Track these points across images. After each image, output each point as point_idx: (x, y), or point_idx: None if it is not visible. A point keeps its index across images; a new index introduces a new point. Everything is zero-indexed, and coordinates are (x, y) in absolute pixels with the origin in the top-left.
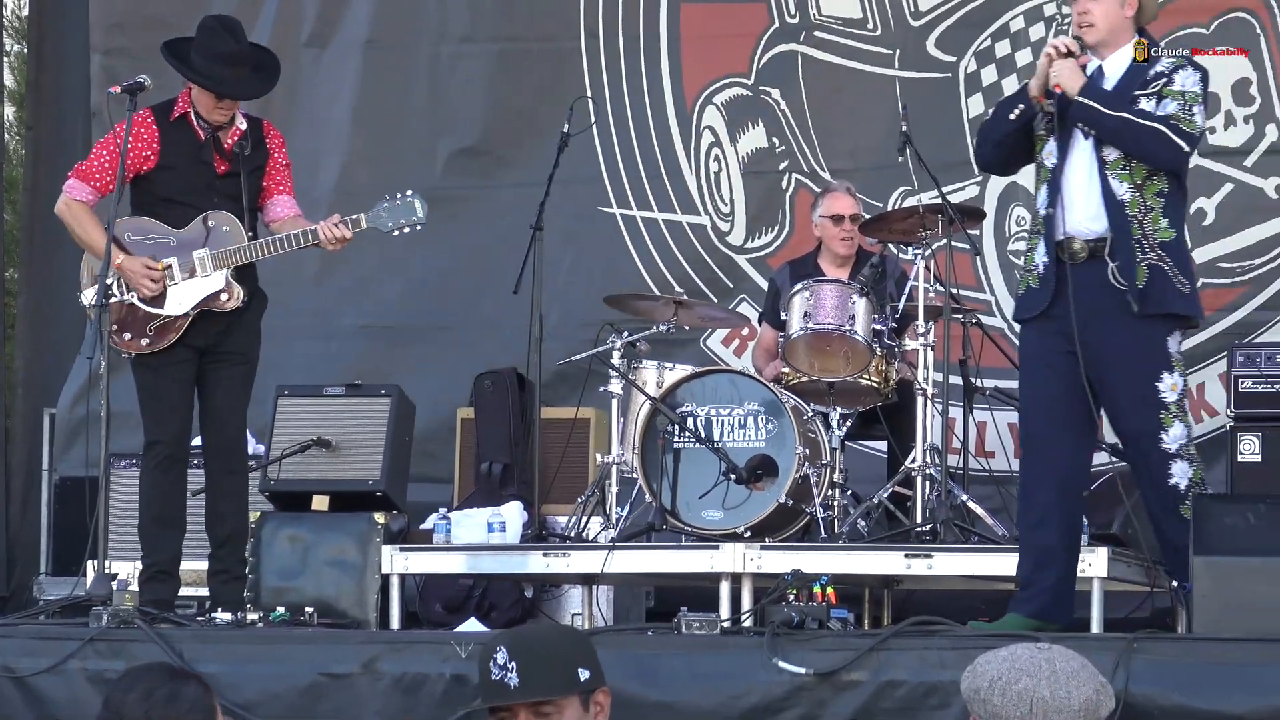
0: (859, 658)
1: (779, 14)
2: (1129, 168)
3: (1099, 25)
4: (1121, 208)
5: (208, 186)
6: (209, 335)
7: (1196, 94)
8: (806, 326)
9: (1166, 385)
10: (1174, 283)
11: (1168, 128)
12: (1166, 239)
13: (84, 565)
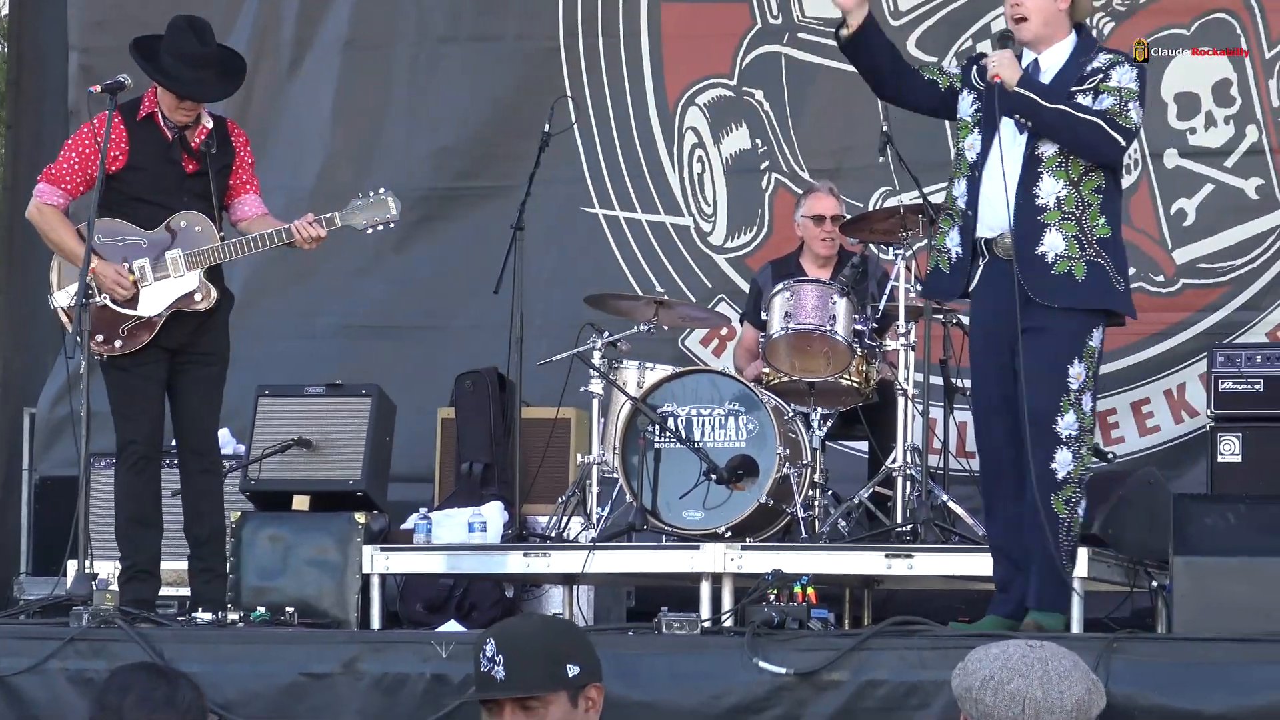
0: (839, 658)
1: (761, 15)
2: (1065, 165)
3: (1032, 19)
4: (1057, 206)
5: (177, 186)
6: (181, 336)
7: (1133, 90)
8: (787, 326)
9: (1074, 373)
10: (1112, 280)
11: (1104, 121)
12: (1104, 235)
13: (64, 565)
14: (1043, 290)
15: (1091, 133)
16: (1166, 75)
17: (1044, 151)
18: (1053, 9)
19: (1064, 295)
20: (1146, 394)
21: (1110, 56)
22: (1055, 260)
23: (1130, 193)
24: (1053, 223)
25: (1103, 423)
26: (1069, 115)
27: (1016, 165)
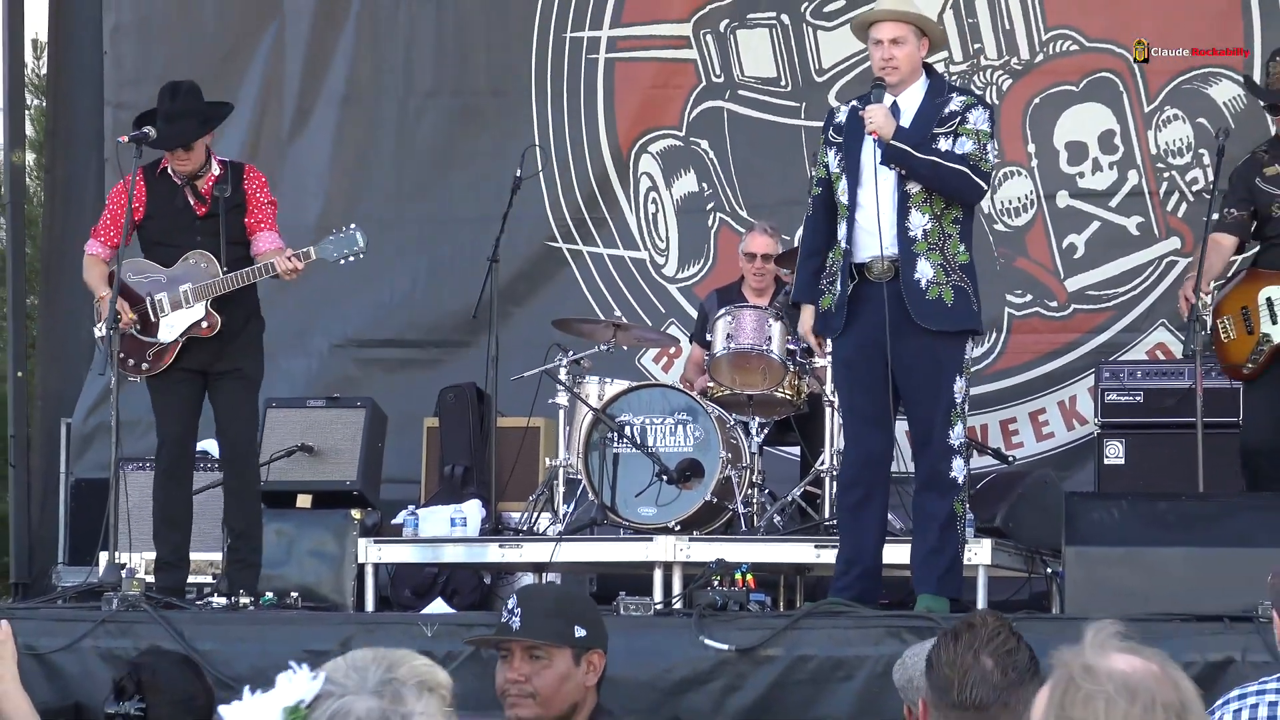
0: (775, 636)
1: (705, 74)
2: (929, 200)
3: (902, 68)
4: (924, 237)
5: (189, 228)
6: (203, 358)
7: (988, 132)
8: (729, 346)
9: (957, 388)
10: (972, 303)
11: (968, 168)
12: (964, 262)
13: (96, 556)
14: (921, 314)
15: (959, 179)
16: (1058, 126)
17: (911, 188)
18: (917, 57)
19: (937, 319)
20: (1043, 404)
21: (965, 99)
22: (927, 286)
23: (1027, 229)
24: (922, 252)
25: (1004, 430)
26: (940, 166)
27: (890, 200)
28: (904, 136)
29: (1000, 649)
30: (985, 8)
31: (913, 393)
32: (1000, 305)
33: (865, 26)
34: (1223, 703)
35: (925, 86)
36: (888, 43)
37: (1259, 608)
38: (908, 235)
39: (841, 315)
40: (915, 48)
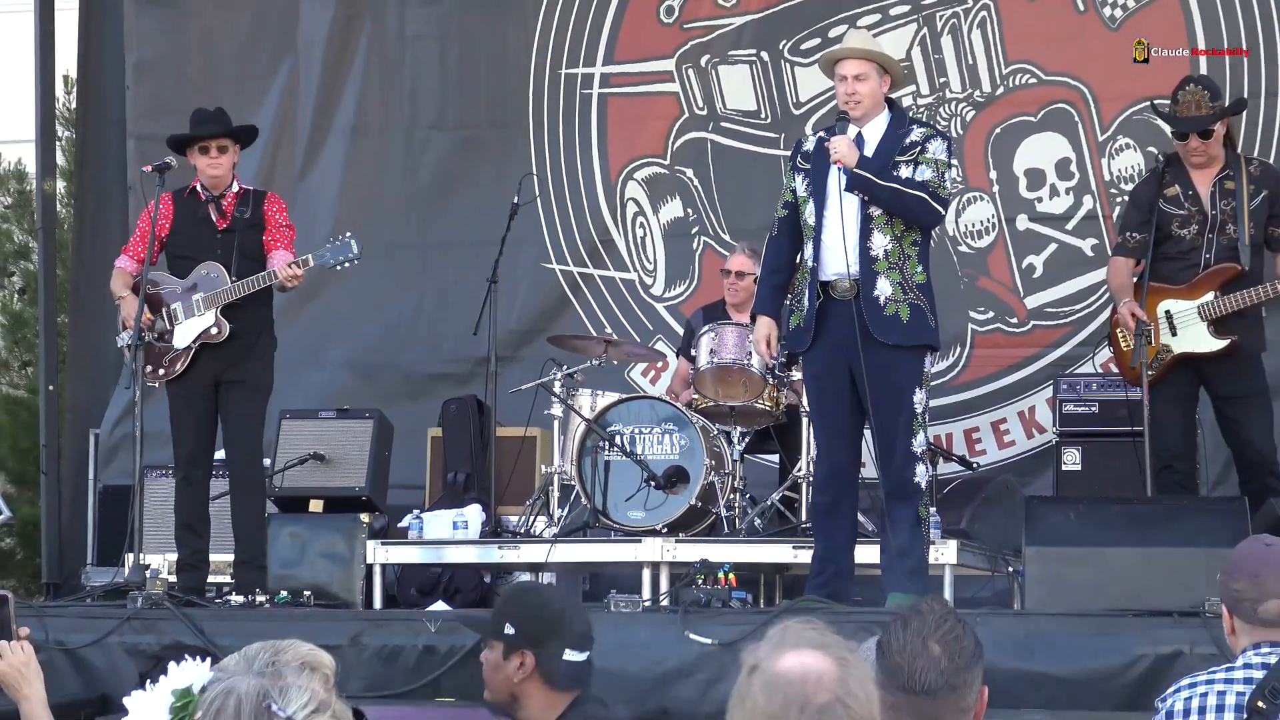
0: (755, 630)
1: (689, 106)
2: (890, 222)
3: (865, 102)
4: (885, 257)
5: (209, 241)
6: (215, 366)
7: (946, 161)
8: (712, 361)
9: (918, 399)
10: (928, 319)
11: (927, 194)
12: (921, 281)
13: (122, 558)
14: (878, 328)
15: (918, 204)
16: (1018, 154)
17: (874, 212)
18: (880, 92)
19: (894, 334)
20: (1004, 414)
21: (925, 130)
22: (886, 303)
23: (989, 250)
24: (882, 271)
25: (968, 438)
26: (901, 193)
27: (854, 223)
28: (866, 165)
29: (947, 636)
30: (950, 44)
31: (876, 405)
32: (964, 321)
33: (832, 64)
34: (1174, 690)
35: (888, 119)
36: (851, 78)
37: (1206, 603)
38: (869, 255)
39: (809, 331)
40: (877, 83)
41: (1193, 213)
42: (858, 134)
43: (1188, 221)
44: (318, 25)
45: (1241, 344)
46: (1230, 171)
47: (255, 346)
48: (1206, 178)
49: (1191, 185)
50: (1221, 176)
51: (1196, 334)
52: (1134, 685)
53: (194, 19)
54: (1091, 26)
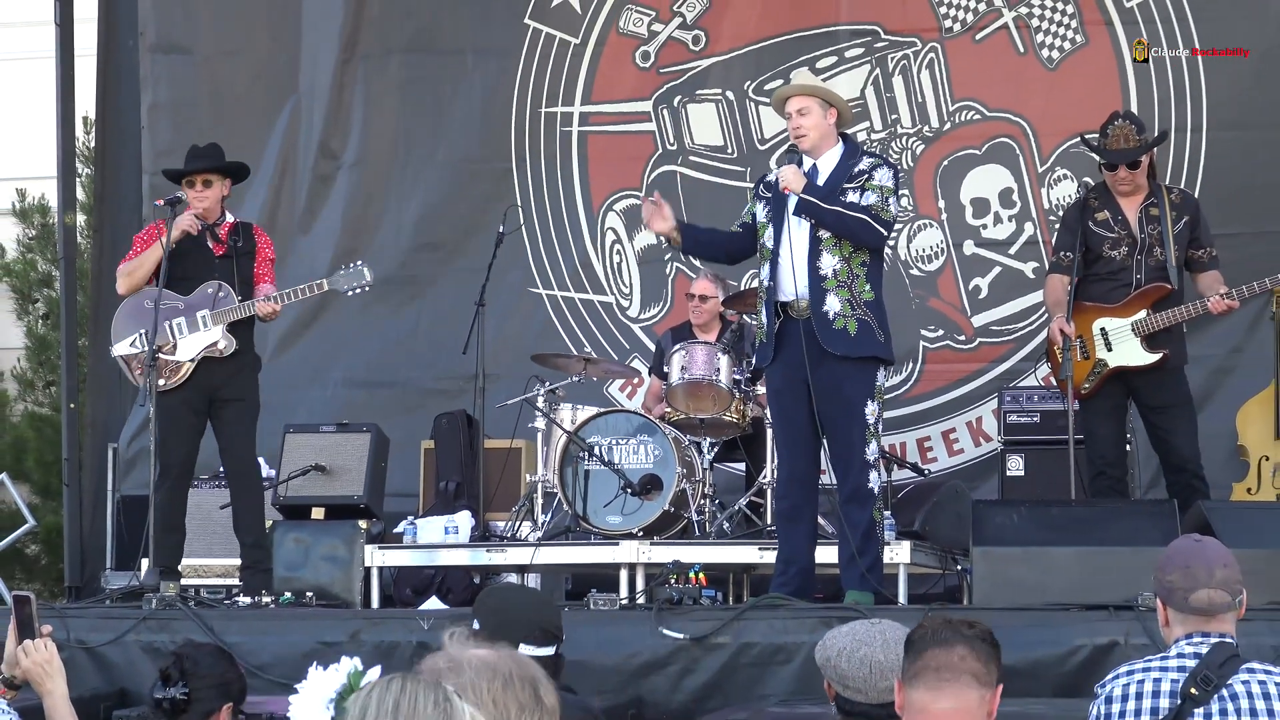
0: (724, 626)
1: (661, 142)
2: (838, 244)
3: (810, 134)
4: (834, 275)
5: (206, 265)
6: (212, 381)
7: (891, 188)
8: (683, 377)
9: (869, 411)
10: (876, 334)
11: (870, 217)
12: (870, 299)
13: (139, 562)
14: (828, 341)
15: (860, 226)
16: (964, 185)
17: (822, 235)
18: (825, 124)
19: (842, 345)
20: (953, 424)
21: (872, 160)
22: (835, 318)
23: (938, 274)
24: (831, 288)
25: (920, 447)
26: (844, 215)
27: (804, 245)
28: (815, 191)
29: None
30: (901, 84)
31: (831, 416)
32: (916, 339)
33: (781, 102)
34: (1113, 677)
35: (841, 151)
36: (795, 114)
37: (1139, 598)
38: (819, 274)
39: (770, 348)
40: (821, 116)
41: (1122, 236)
42: (812, 165)
43: (1118, 244)
44: (318, 69)
45: (1171, 357)
46: (1154, 199)
47: (247, 365)
48: (1133, 205)
49: (1120, 211)
50: (1146, 204)
51: (1130, 349)
52: (1073, 673)
53: (203, 64)
54: (1031, 67)
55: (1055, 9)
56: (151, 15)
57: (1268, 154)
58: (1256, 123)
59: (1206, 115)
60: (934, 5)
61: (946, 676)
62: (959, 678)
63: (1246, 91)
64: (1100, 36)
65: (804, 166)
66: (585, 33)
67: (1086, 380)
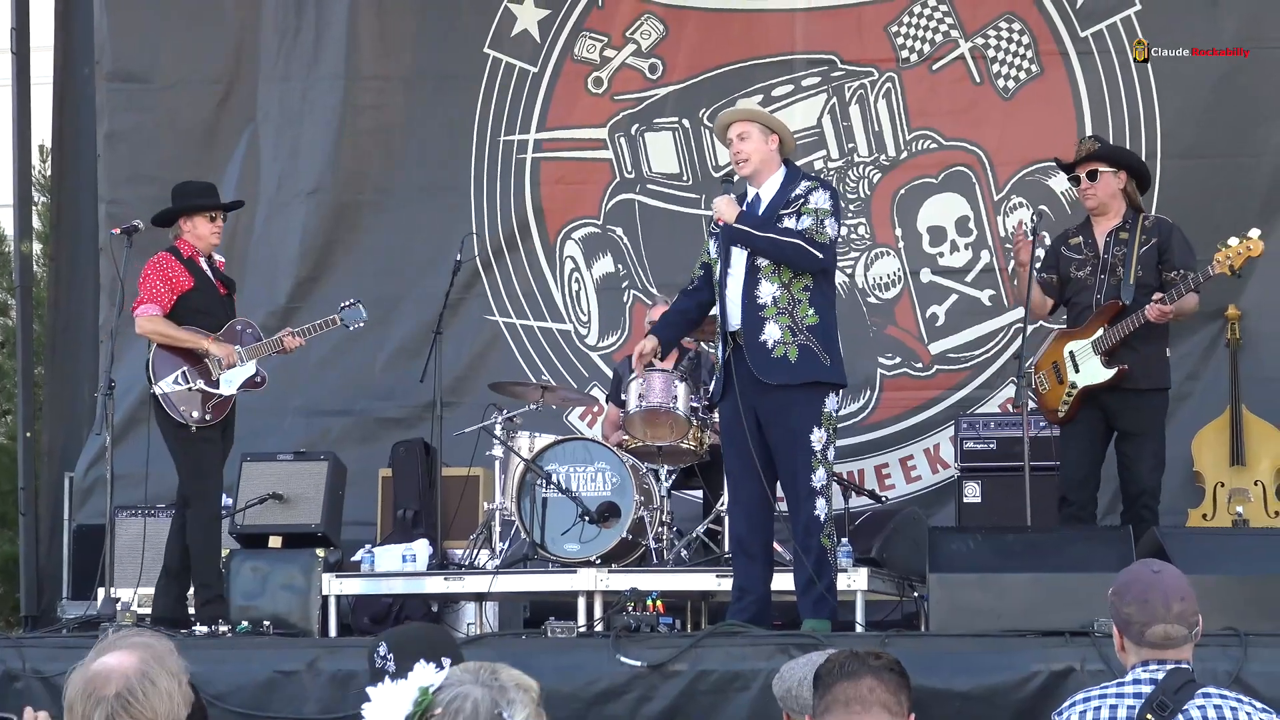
0: (681, 653)
1: (619, 170)
2: (777, 271)
3: (751, 160)
4: (773, 303)
5: (219, 302)
6: (231, 416)
7: (827, 209)
8: (641, 404)
9: (815, 437)
10: (819, 358)
11: (804, 241)
12: (813, 323)
13: (95, 592)
14: (765, 370)
15: (794, 251)
16: (921, 213)
17: (760, 263)
18: (766, 150)
19: (781, 374)
20: (911, 451)
21: (810, 184)
22: (774, 346)
23: (895, 301)
24: (770, 316)
25: (878, 473)
26: (776, 241)
27: (741, 275)
28: (751, 219)
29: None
30: (857, 112)
31: (776, 444)
32: (874, 366)
33: (723, 128)
34: (1069, 704)
35: (782, 177)
36: (736, 139)
37: (1095, 624)
38: (756, 303)
39: (722, 379)
40: (762, 141)
41: (1089, 257)
42: (755, 195)
43: (1083, 265)
44: (275, 98)
45: (1133, 373)
46: (1127, 224)
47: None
48: (1105, 228)
49: (1091, 235)
50: (1118, 228)
51: (1093, 367)
52: (1030, 699)
53: (160, 93)
54: (987, 97)
55: (1011, 39)
56: (108, 44)
57: (1220, 182)
58: (1209, 151)
59: (1160, 143)
60: (890, 35)
61: (856, 709)
62: (869, 710)
63: (1199, 120)
64: (1055, 66)
65: (746, 195)
66: (543, 61)
67: (1062, 404)
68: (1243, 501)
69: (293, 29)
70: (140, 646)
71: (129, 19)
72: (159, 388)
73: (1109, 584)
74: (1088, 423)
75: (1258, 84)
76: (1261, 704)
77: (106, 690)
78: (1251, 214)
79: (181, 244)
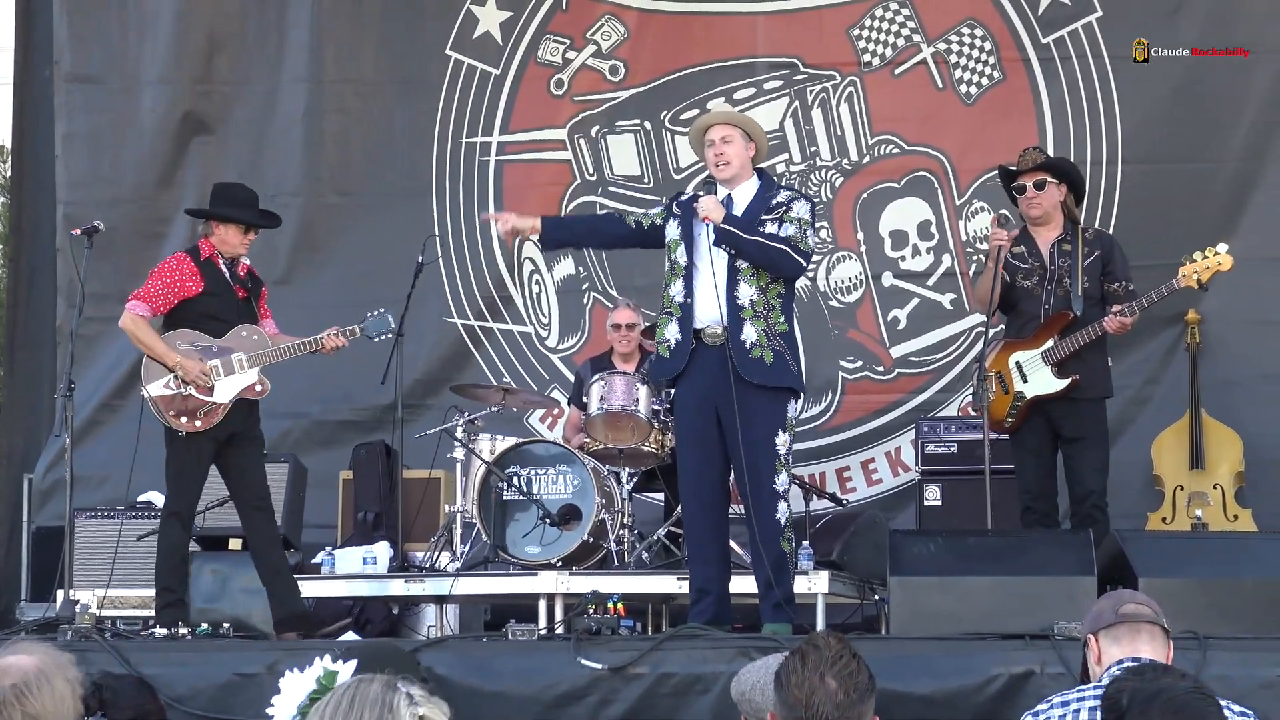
0: (642, 656)
1: (580, 172)
2: (755, 274)
3: (733, 163)
4: (750, 305)
5: (234, 306)
6: (236, 420)
7: (808, 220)
8: (602, 407)
9: (780, 442)
10: (790, 365)
11: (790, 248)
12: (784, 330)
13: (54, 594)
14: (745, 370)
15: (781, 256)
16: (883, 217)
17: (740, 265)
18: (745, 156)
19: (758, 375)
20: (872, 454)
21: (790, 193)
22: (751, 347)
23: (857, 305)
24: (748, 318)
25: (839, 477)
26: (764, 245)
27: (723, 273)
28: (734, 223)
29: (844, 671)
30: (820, 117)
31: (741, 445)
32: (835, 370)
33: (701, 132)
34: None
35: (758, 184)
36: (719, 141)
37: (1055, 627)
38: (736, 304)
39: (678, 363)
40: (743, 147)
41: (1034, 267)
42: (727, 196)
43: (1030, 274)
44: (238, 101)
45: (1082, 384)
46: (1068, 236)
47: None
48: (1047, 239)
49: (1035, 245)
50: (1060, 239)
51: (1043, 378)
52: (990, 702)
53: (119, 95)
54: (949, 102)
55: (973, 45)
56: (67, 45)
57: (1179, 187)
58: (1169, 156)
59: (1121, 149)
60: (853, 39)
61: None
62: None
63: (1159, 126)
64: (1017, 73)
65: (719, 196)
66: (505, 63)
67: (1009, 415)
68: (1202, 505)
69: (255, 32)
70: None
71: (88, 21)
72: (148, 390)
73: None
74: (1036, 432)
75: (1217, 90)
76: (1240, 706)
77: (3, 681)
78: (1212, 219)
79: (204, 243)
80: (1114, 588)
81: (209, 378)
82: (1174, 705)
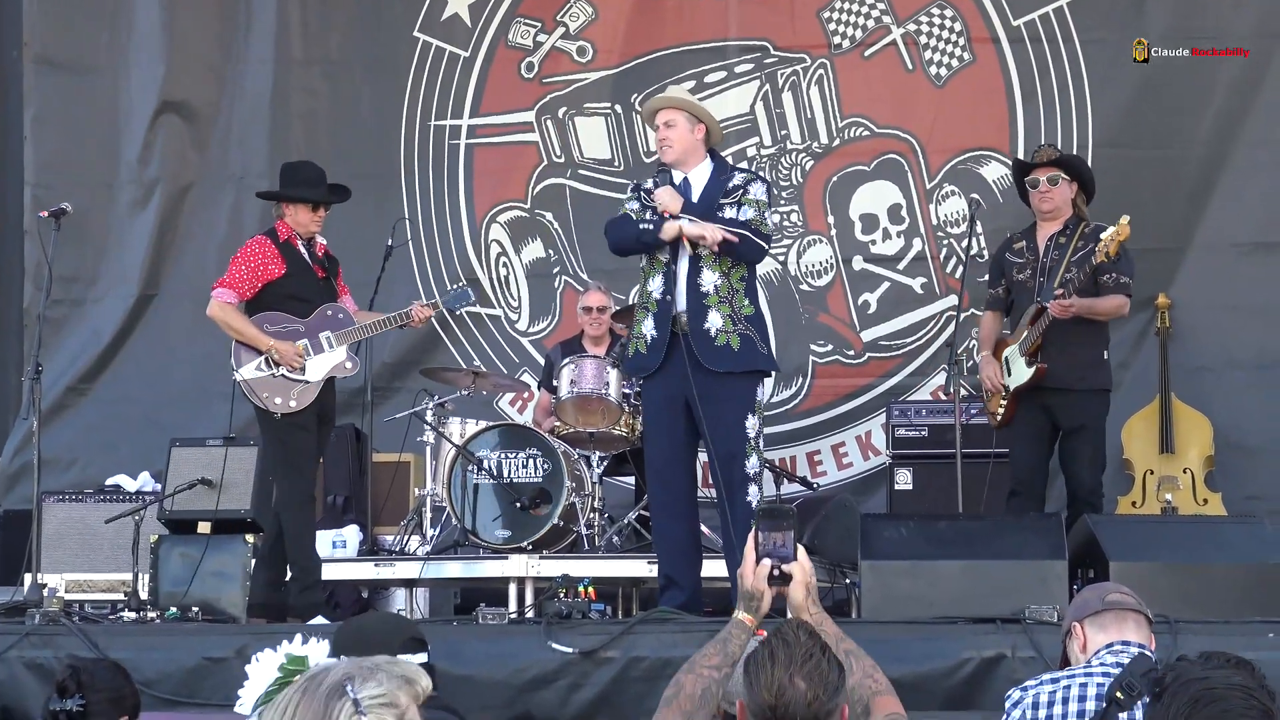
0: (613, 640)
1: (547, 154)
2: (717, 260)
3: (675, 147)
4: (715, 292)
5: (315, 286)
6: (327, 401)
7: (765, 202)
8: (573, 391)
9: (750, 424)
10: (758, 347)
11: (750, 231)
12: (750, 313)
13: (21, 577)
14: (709, 359)
15: (743, 241)
16: (854, 200)
17: (701, 251)
18: (691, 139)
19: (724, 362)
20: (843, 438)
21: (745, 175)
22: (716, 334)
23: (828, 289)
24: (713, 305)
25: (810, 460)
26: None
27: (684, 262)
28: (692, 210)
29: (814, 671)
30: (790, 100)
31: (711, 430)
32: (806, 354)
33: (651, 115)
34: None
35: (711, 167)
36: (662, 125)
37: (1026, 611)
38: (699, 291)
39: (655, 358)
40: (687, 130)
41: (1029, 260)
42: (684, 179)
43: (1024, 268)
44: (204, 82)
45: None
46: (1068, 229)
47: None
48: (1047, 233)
49: (1034, 239)
50: (1058, 233)
51: (1019, 369)
52: (961, 685)
53: (88, 76)
54: (919, 84)
55: (943, 27)
56: (36, 27)
57: (1149, 172)
58: (1139, 142)
59: (1092, 133)
60: (823, 21)
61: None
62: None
63: (1130, 111)
64: (988, 55)
65: (675, 180)
66: (474, 46)
67: (1000, 408)
68: (1172, 489)
69: (223, 13)
70: None
71: (57, 2)
72: (240, 374)
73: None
74: (1031, 422)
75: (1186, 76)
76: None
77: None
78: (1179, 204)
79: (281, 226)
80: (1085, 572)
81: (302, 358)
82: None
